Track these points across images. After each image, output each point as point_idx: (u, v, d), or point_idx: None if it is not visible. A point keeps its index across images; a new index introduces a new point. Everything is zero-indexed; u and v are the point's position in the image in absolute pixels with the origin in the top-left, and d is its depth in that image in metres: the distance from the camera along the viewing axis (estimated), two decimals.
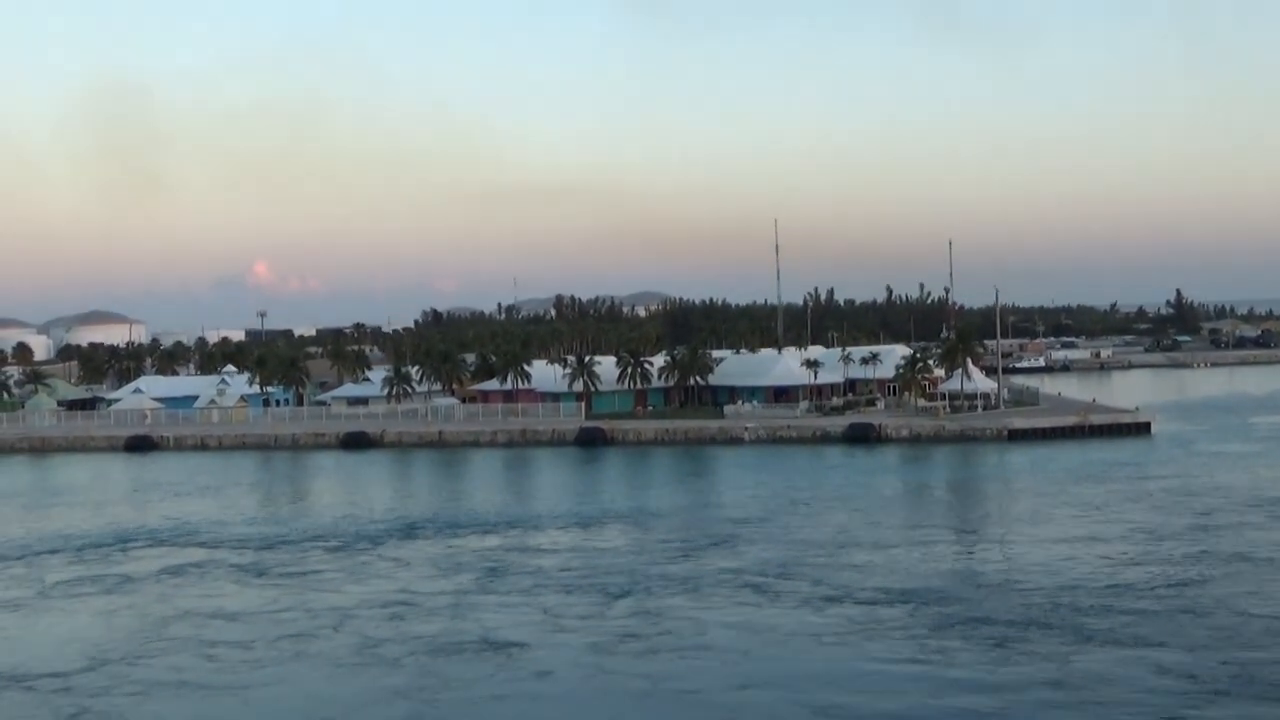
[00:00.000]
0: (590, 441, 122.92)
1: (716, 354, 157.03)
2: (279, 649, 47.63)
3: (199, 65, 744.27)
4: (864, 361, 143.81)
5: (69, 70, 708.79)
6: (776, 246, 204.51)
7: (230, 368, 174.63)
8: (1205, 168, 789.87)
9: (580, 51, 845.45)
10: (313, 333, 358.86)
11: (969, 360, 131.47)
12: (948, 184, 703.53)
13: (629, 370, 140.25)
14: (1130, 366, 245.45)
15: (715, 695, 40.39)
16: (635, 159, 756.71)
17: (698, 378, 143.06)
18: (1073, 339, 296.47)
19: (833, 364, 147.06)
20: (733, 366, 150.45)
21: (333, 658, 46.32)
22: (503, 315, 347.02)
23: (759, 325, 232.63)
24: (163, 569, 64.91)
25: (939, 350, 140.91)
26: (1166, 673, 41.04)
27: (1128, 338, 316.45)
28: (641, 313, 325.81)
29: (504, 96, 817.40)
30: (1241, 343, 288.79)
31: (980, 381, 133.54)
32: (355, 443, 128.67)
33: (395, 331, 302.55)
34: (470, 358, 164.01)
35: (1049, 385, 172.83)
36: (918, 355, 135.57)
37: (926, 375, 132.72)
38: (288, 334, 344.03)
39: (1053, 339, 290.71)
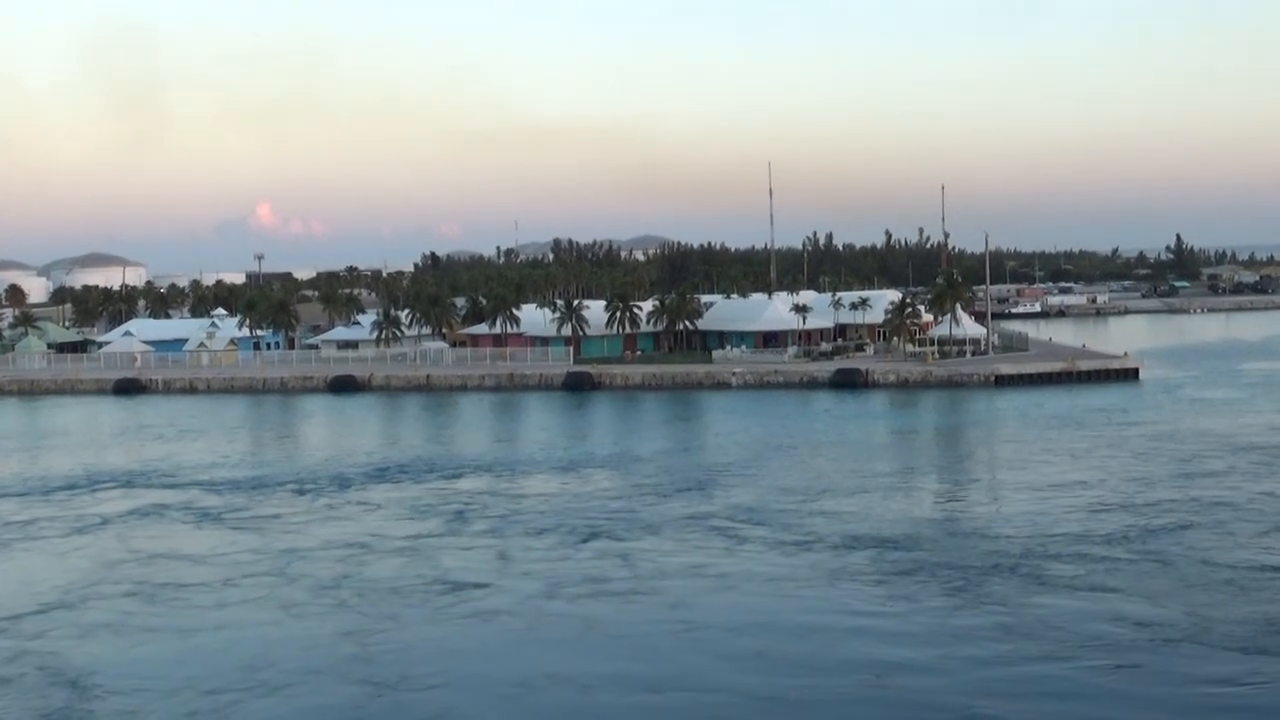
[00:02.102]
0: (577, 386, 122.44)
1: (706, 299, 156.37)
2: (231, 591, 47.36)
3: (204, 6, 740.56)
4: (853, 306, 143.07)
5: (74, 9, 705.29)
6: (770, 190, 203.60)
7: (220, 311, 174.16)
8: (1210, 112, 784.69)
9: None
10: (313, 276, 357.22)
11: (958, 305, 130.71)
12: (950, 130, 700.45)
13: (618, 315, 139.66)
14: (1126, 312, 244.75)
15: (650, 639, 40.21)
16: (640, 103, 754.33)
17: (687, 322, 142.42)
18: (1070, 284, 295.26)
19: (823, 309, 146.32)
20: (722, 311, 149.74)
21: (283, 600, 46.05)
22: (501, 259, 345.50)
23: (754, 270, 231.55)
24: (129, 511, 64.70)
25: (929, 295, 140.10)
26: (1120, 620, 40.63)
27: (1126, 283, 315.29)
28: (640, 257, 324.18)
29: (509, 40, 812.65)
30: (1239, 288, 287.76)
31: (969, 327, 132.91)
32: (343, 386, 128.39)
33: (387, 275, 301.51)
34: (461, 302, 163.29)
35: (1044, 331, 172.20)
36: (906, 300, 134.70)
37: (915, 320, 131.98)
38: (286, 277, 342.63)
39: (1050, 284, 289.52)
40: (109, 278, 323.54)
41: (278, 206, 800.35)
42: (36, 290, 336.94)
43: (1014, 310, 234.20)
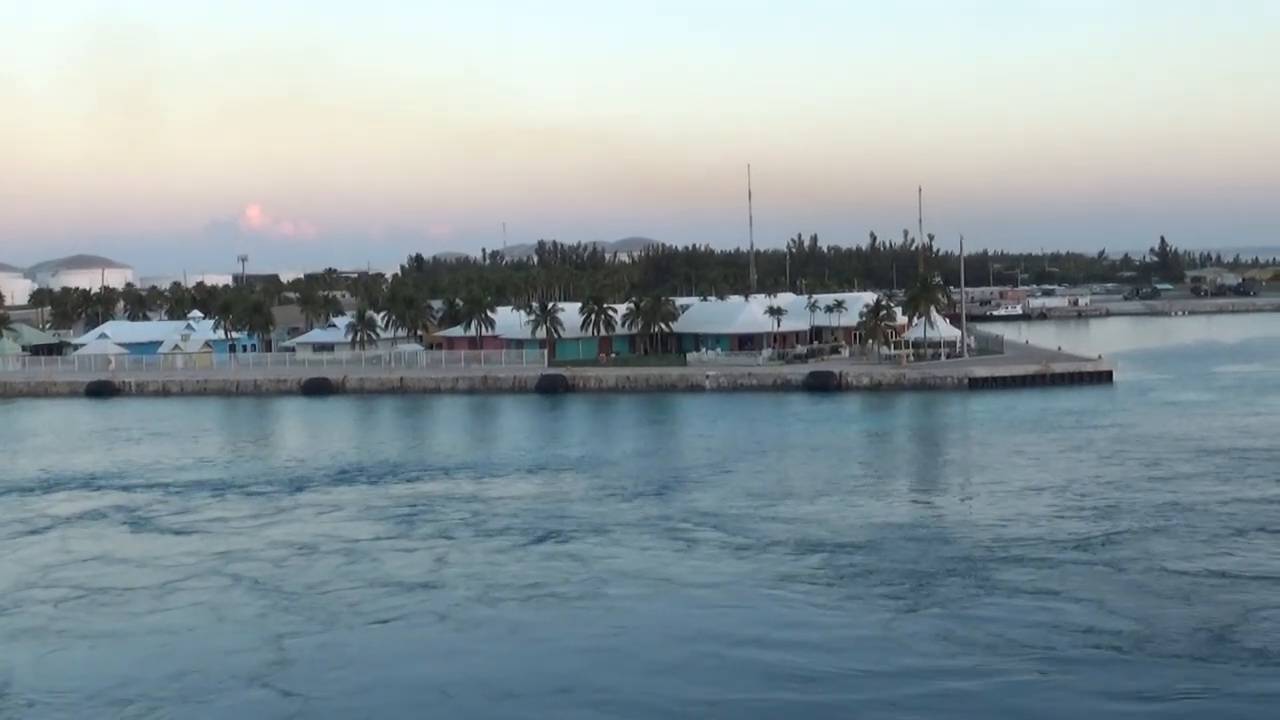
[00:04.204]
0: (551, 389, 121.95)
1: (682, 301, 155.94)
2: (169, 595, 46.77)
3: (199, 7, 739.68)
4: (829, 309, 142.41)
5: (71, 9, 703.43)
6: (749, 193, 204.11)
7: (196, 313, 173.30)
8: (1198, 116, 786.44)
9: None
10: (300, 277, 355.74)
11: (932, 308, 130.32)
12: (938, 133, 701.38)
13: (593, 317, 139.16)
14: (1108, 315, 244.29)
15: (575, 643, 39.81)
16: (630, 105, 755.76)
17: (663, 325, 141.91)
18: (1052, 287, 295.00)
19: (799, 311, 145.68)
20: (698, 314, 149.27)
21: (220, 604, 45.54)
22: (488, 261, 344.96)
23: (736, 271, 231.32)
24: (80, 513, 64.09)
25: (904, 298, 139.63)
26: (1063, 626, 40.02)
27: (1109, 285, 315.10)
28: (626, 259, 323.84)
29: (502, 43, 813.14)
30: (1222, 291, 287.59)
31: (944, 329, 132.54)
32: (316, 389, 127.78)
33: (365, 275, 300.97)
34: (438, 304, 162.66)
35: (1025, 333, 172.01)
36: (881, 302, 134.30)
37: (890, 323, 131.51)
38: (273, 279, 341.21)
39: (1034, 287, 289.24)
40: (94, 280, 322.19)
41: (268, 207, 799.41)
42: (20, 292, 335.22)
43: (995, 313, 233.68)
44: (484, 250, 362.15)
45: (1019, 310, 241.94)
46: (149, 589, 47.71)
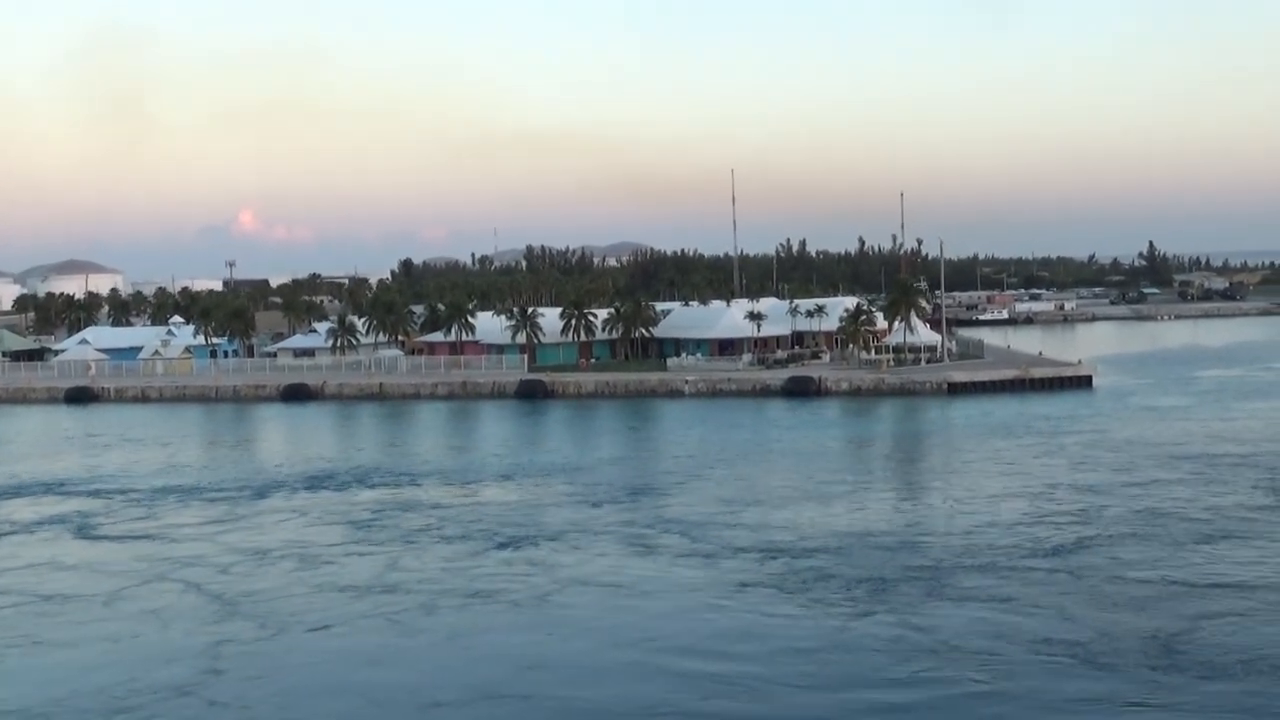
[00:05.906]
0: (530, 394, 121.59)
1: (663, 306, 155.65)
2: (119, 603, 46.26)
3: (198, 8, 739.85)
4: (809, 314, 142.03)
5: (64, 13, 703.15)
6: (733, 198, 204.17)
7: (177, 318, 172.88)
8: (1190, 120, 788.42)
9: (576, 6, 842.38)
10: (289, 282, 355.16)
11: (913, 313, 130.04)
12: (932, 136, 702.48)
13: (573, 322, 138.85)
14: (1094, 319, 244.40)
15: (510, 649, 39.30)
16: (625, 110, 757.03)
17: (644, 330, 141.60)
18: (1040, 291, 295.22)
19: (780, 316, 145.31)
20: (679, 319, 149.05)
21: (169, 611, 45.00)
22: (476, 266, 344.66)
23: (722, 276, 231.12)
24: (39, 519, 63.78)
25: (883, 303, 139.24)
26: (1014, 635, 39.41)
27: (1096, 290, 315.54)
28: (615, 263, 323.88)
29: (497, 49, 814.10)
30: (1209, 295, 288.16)
31: (925, 334, 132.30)
32: (295, 395, 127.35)
33: (352, 280, 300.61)
34: (420, 309, 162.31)
35: (1010, 338, 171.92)
36: (862, 307, 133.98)
37: (870, 328, 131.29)
38: (263, 284, 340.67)
39: (1021, 291, 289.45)
40: (85, 285, 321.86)
41: (261, 212, 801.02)
42: (7, 298, 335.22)
43: (982, 317, 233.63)
44: (473, 255, 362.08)
45: (1005, 315, 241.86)
46: (96, 596, 47.21)
